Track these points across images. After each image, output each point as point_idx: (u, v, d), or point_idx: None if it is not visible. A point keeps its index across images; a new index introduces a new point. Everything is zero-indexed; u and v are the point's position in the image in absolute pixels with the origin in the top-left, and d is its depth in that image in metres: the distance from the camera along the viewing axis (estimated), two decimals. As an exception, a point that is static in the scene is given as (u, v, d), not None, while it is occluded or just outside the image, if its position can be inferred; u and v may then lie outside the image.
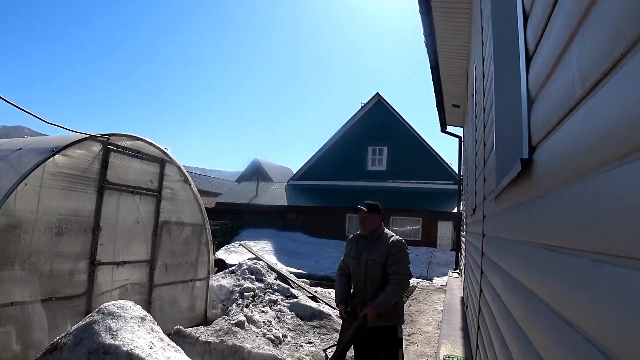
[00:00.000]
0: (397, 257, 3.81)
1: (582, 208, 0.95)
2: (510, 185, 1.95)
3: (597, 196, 0.87)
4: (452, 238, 22.06)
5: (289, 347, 6.16)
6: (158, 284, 5.99)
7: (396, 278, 3.75)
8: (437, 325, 7.79)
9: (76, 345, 3.66)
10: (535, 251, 1.45)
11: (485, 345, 3.09)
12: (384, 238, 3.94)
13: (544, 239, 1.32)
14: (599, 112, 0.88)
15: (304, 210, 25.45)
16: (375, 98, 27.56)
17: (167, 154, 6.10)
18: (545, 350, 1.28)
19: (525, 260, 1.64)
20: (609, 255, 0.80)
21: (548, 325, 1.24)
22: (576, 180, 1.00)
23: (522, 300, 1.66)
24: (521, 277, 1.75)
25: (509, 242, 2.14)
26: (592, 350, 0.85)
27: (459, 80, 9.66)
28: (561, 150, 1.16)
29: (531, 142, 1.55)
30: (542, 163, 1.41)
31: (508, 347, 1.96)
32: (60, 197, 4.59)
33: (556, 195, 1.19)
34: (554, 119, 1.23)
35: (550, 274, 1.23)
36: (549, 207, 1.26)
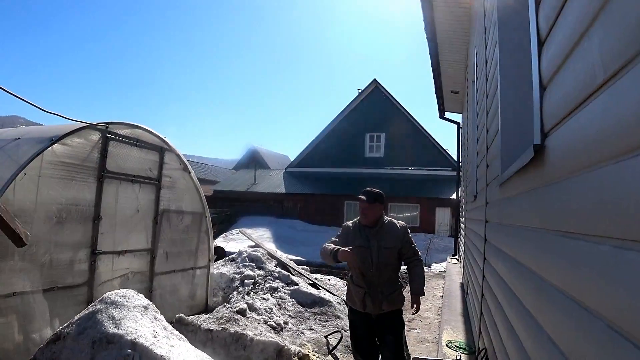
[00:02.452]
0: (411, 241, 3.95)
1: (605, 195, 0.94)
2: (520, 172, 1.94)
3: (621, 183, 0.86)
4: (450, 224, 22.14)
5: (290, 334, 6.18)
6: (159, 272, 5.99)
7: (417, 259, 3.95)
8: (436, 311, 7.83)
9: (79, 335, 3.65)
10: (549, 238, 1.44)
11: (490, 331, 3.10)
12: (390, 225, 3.92)
13: (560, 226, 1.31)
14: (623, 99, 0.87)
15: (302, 197, 25.45)
16: (372, 85, 27.45)
17: (166, 142, 6.06)
18: (559, 335, 1.27)
19: (537, 247, 1.63)
20: (633, 241, 0.79)
21: (563, 311, 1.23)
22: (598, 166, 0.99)
23: (533, 287, 1.66)
24: (531, 262, 1.74)
25: (517, 229, 2.13)
26: (613, 335, 0.85)
27: (458, 66, 9.61)
28: (579, 136, 1.15)
29: (543, 128, 1.53)
30: (555, 149, 1.39)
31: (516, 333, 1.96)
32: (59, 187, 4.56)
33: (575, 181, 1.17)
34: (570, 105, 1.21)
35: (567, 260, 1.22)
36: (567, 193, 1.25)
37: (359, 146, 27.02)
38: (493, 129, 3.45)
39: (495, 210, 3.21)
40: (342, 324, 6.62)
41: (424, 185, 23.74)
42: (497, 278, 2.90)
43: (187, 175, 6.55)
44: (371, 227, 3.86)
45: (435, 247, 18.46)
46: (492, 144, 3.60)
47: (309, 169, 27.96)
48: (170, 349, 3.67)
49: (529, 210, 1.81)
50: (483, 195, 4.24)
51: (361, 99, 27.64)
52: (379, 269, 3.77)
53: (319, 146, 28.10)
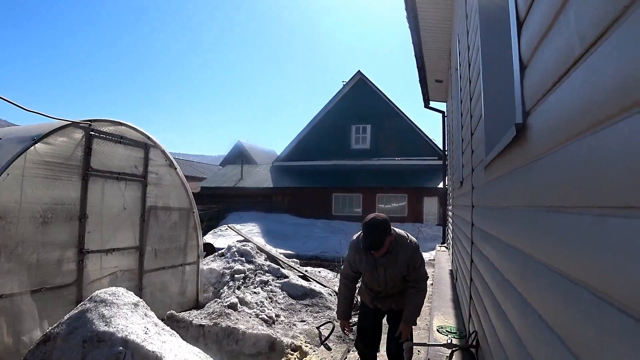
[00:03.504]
0: (416, 264, 3.67)
1: (585, 165, 0.95)
2: (503, 152, 1.95)
3: (600, 152, 0.87)
4: (438, 213, 22.28)
5: (282, 326, 6.20)
6: (148, 269, 5.96)
7: (417, 286, 3.70)
8: (427, 299, 7.88)
9: (69, 335, 3.63)
10: (533, 215, 1.46)
11: (479, 314, 3.13)
12: (399, 246, 3.65)
13: (544, 202, 1.32)
14: (600, 69, 0.88)
15: (289, 191, 25.42)
16: (357, 76, 27.41)
17: (150, 138, 6.01)
18: (546, 309, 1.29)
19: (521, 225, 1.66)
20: (613, 207, 0.81)
21: (549, 285, 1.25)
22: (577, 138, 1.00)
23: (519, 265, 1.68)
24: (516, 242, 1.77)
25: (502, 210, 2.16)
26: (600, 303, 0.86)
27: (441, 55, 9.64)
28: (559, 111, 1.16)
29: (525, 107, 1.54)
30: (537, 127, 1.41)
31: (505, 312, 1.99)
32: (44, 186, 4.51)
33: (555, 156, 1.19)
34: (550, 81, 1.23)
35: (551, 234, 1.23)
36: (548, 168, 1.27)
37: (345, 138, 27.02)
38: (477, 114, 3.48)
39: (481, 195, 3.24)
40: (334, 314, 6.65)
41: (411, 175, 23.83)
42: (484, 261, 2.93)
43: (173, 171, 6.51)
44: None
45: (423, 236, 18.54)
46: (476, 129, 3.63)
47: (296, 162, 27.90)
48: (162, 345, 3.66)
49: (513, 190, 1.83)
50: (469, 181, 4.27)
51: (346, 91, 27.59)
52: (386, 287, 3.80)
53: (305, 140, 28.04)
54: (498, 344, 2.15)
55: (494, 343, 2.29)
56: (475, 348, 3.18)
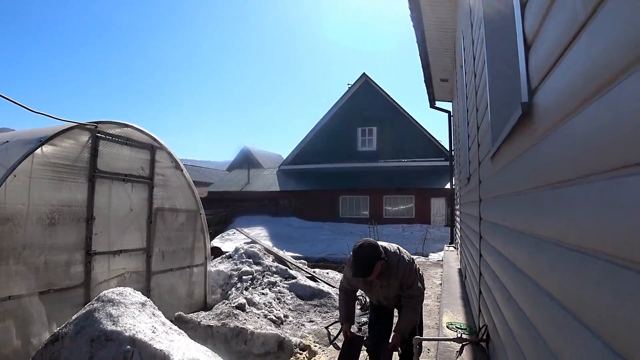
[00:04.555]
0: (409, 282, 3.66)
1: (595, 129, 0.93)
2: (510, 135, 1.93)
3: (609, 112, 0.85)
4: (445, 214, 22.20)
5: (290, 326, 6.17)
6: (155, 271, 5.96)
7: (412, 301, 3.70)
8: (436, 298, 7.85)
9: (77, 334, 3.63)
10: (540, 195, 1.44)
11: (489, 306, 3.10)
12: (391, 268, 3.64)
13: (553, 178, 1.30)
14: (604, 31, 0.86)
15: (296, 194, 25.43)
16: (362, 79, 27.43)
17: (157, 140, 6.01)
18: (557, 286, 1.27)
19: (530, 208, 1.63)
20: (628, 166, 0.78)
21: (560, 261, 1.23)
22: (585, 105, 0.98)
23: (528, 248, 1.66)
24: (525, 226, 1.74)
25: (509, 197, 2.13)
26: (615, 268, 0.84)
27: (446, 53, 9.62)
28: (565, 82, 1.14)
29: (530, 86, 1.53)
30: (543, 103, 1.39)
31: (514, 299, 1.96)
32: (51, 188, 4.52)
33: (563, 128, 1.16)
34: (555, 54, 1.21)
35: (562, 209, 1.21)
36: (556, 143, 1.25)
37: (352, 140, 27.01)
38: (482, 107, 3.46)
39: (489, 187, 3.21)
40: (342, 314, 6.61)
41: (417, 177, 23.77)
42: (494, 253, 2.91)
43: (180, 173, 6.52)
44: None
45: (431, 237, 18.49)
46: (482, 121, 3.61)
47: (303, 165, 27.91)
48: (170, 344, 3.65)
49: (521, 173, 1.81)
50: (476, 176, 4.24)
51: (351, 94, 27.60)
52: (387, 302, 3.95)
53: (311, 143, 28.06)
54: (509, 334, 2.12)
55: (506, 334, 2.26)
56: (486, 342, 3.15)
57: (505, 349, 2.27)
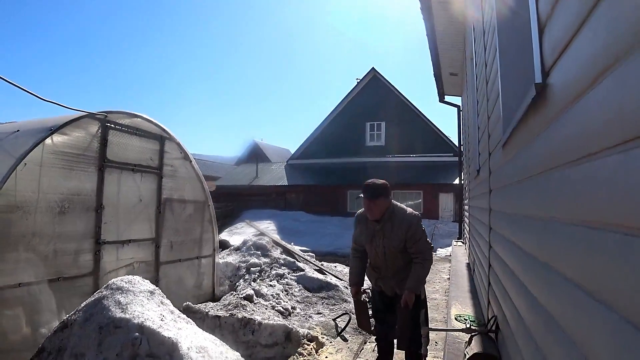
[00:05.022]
0: (416, 236, 3.63)
1: (614, 104, 0.91)
2: (523, 120, 1.91)
3: (626, 86, 0.83)
4: (453, 210, 22.11)
5: (298, 318, 6.18)
6: (164, 262, 5.98)
7: (420, 256, 3.64)
8: (444, 292, 7.83)
9: (86, 321, 3.64)
10: (551, 177, 1.42)
11: (499, 297, 3.09)
12: (397, 217, 3.68)
13: (565, 157, 1.28)
14: (620, 3, 0.84)
15: (304, 189, 25.43)
16: (370, 74, 27.32)
17: (166, 130, 6.02)
18: (568, 265, 1.25)
19: (541, 191, 1.62)
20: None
21: (571, 239, 1.22)
22: (600, 80, 0.96)
23: (539, 233, 1.64)
24: (536, 211, 1.73)
25: (521, 184, 2.11)
26: (627, 240, 0.83)
27: (456, 47, 9.56)
28: (579, 60, 1.13)
29: (544, 66, 1.51)
30: (557, 83, 1.37)
31: (525, 286, 1.95)
32: (60, 177, 4.55)
33: (578, 106, 1.15)
34: (570, 32, 1.20)
35: (573, 187, 1.19)
36: (571, 122, 1.23)
37: (360, 135, 26.93)
38: (493, 96, 3.43)
39: (499, 176, 3.19)
40: (350, 307, 6.62)
41: (426, 172, 23.68)
42: (503, 242, 2.89)
43: (188, 164, 6.53)
44: (377, 222, 3.72)
45: (439, 233, 18.44)
46: (492, 111, 3.58)
47: (311, 160, 27.89)
48: (178, 332, 3.66)
49: (536, 156, 1.78)
50: (486, 167, 4.22)
51: (360, 88, 27.52)
52: (387, 261, 3.77)
53: (319, 137, 28.02)
54: (520, 322, 2.10)
55: (517, 323, 2.24)
56: (495, 332, 3.13)
57: (515, 338, 2.25)
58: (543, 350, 1.57)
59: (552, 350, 1.44)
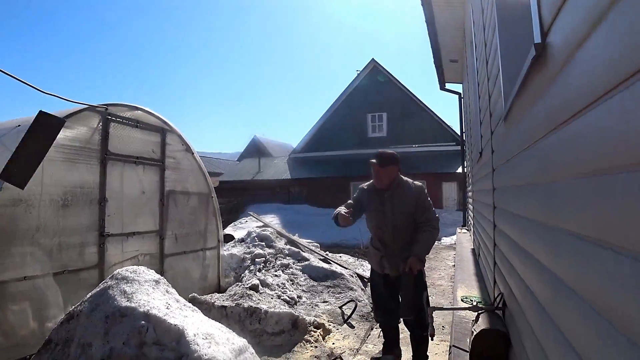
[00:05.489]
0: (426, 204, 3.72)
1: (612, 47, 0.90)
2: (523, 84, 1.89)
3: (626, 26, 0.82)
4: (457, 198, 22.08)
5: (304, 307, 6.18)
6: (168, 254, 5.98)
7: (429, 224, 3.68)
8: (449, 279, 7.83)
9: (92, 312, 3.65)
10: (554, 138, 1.41)
11: (505, 274, 3.08)
12: (405, 186, 3.78)
13: (566, 113, 1.27)
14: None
15: (307, 182, 25.41)
16: (371, 64, 27.20)
17: (167, 123, 6.01)
18: (579, 224, 1.24)
19: (545, 154, 1.60)
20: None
21: (578, 195, 1.20)
22: (598, 28, 0.95)
23: (542, 196, 1.63)
24: (538, 176, 1.72)
25: (524, 153, 2.10)
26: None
27: (455, 33, 9.51)
28: (578, 11, 1.11)
29: (542, 26, 1.49)
30: (556, 40, 1.36)
31: (532, 254, 1.94)
32: (63, 170, 4.54)
33: (579, 58, 1.13)
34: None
35: (580, 140, 1.18)
36: (572, 76, 1.21)
37: (362, 127, 26.86)
38: (494, 73, 3.42)
39: (501, 153, 3.17)
40: (356, 295, 6.62)
41: (429, 162, 23.60)
42: (507, 217, 2.89)
43: (191, 156, 6.52)
44: (385, 191, 3.78)
45: (444, 222, 18.26)
46: (494, 89, 3.56)
47: (313, 153, 27.83)
48: (184, 319, 3.67)
49: (536, 120, 1.76)
50: (488, 147, 4.20)
51: (360, 80, 27.39)
52: (395, 233, 3.76)
53: (321, 130, 27.95)
54: (527, 292, 2.09)
55: (523, 295, 2.23)
56: (502, 310, 3.12)
57: (523, 310, 2.25)
58: (553, 315, 1.55)
59: (563, 313, 1.42)
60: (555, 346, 1.50)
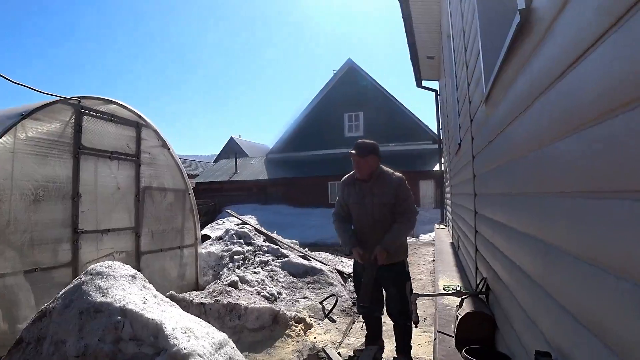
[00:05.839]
0: (405, 194, 3.71)
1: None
2: (507, 55, 1.86)
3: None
4: (434, 196, 22.25)
5: (284, 303, 6.12)
6: (145, 251, 5.84)
7: (404, 216, 3.67)
8: (429, 273, 7.85)
9: (66, 308, 3.53)
10: (546, 98, 1.38)
11: (488, 259, 3.09)
12: (386, 177, 3.76)
13: (552, 74, 1.25)
14: None
15: (285, 182, 25.29)
16: (347, 64, 27.25)
17: (142, 117, 5.87)
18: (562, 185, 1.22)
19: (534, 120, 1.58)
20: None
21: (565, 152, 1.18)
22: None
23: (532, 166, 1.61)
24: (524, 147, 1.70)
25: (507, 128, 2.09)
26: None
27: (431, 28, 9.56)
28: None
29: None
30: (541, 4, 1.33)
31: (518, 230, 1.92)
32: (34, 163, 4.38)
33: (565, 14, 1.10)
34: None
35: (569, 98, 1.15)
36: (561, 30, 1.18)
37: (338, 126, 26.86)
38: (473, 59, 3.43)
39: (482, 137, 3.16)
40: (336, 290, 6.59)
41: (405, 160, 23.68)
42: (490, 201, 2.89)
43: (167, 151, 6.39)
44: (366, 182, 3.75)
45: (421, 219, 18.33)
46: (473, 76, 3.56)
47: (290, 153, 27.75)
48: (162, 314, 3.57)
49: (522, 91, 1.74)
50: (468, 136, 4.20)
51: (337, 80, 27.40)
52: (375, 225, 3.74)
53: (298, 130, 27.88)
54: (513, 268, 2.08)
55: (511, 275, 2.21)
56: (486, 294, 3.11)
57: (509, 287, 2.23)
58: (545, 286, 1.53)
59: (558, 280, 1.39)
60: (548, 317, 1.48)
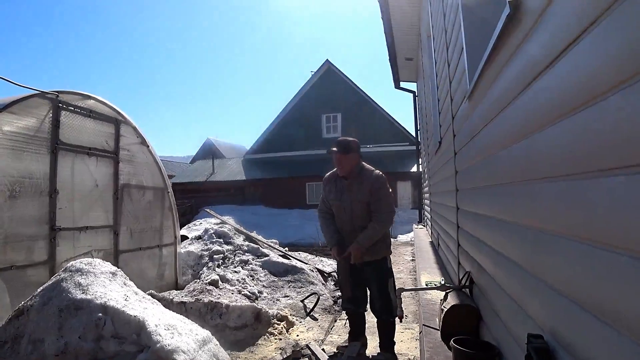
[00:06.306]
0: (380, 193, 3.68)
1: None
2: (495, 47, 1.88)
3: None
4: (412, 197, 22.43)
5: (266, 302, 6.08)
6: (123, 250, 5.74)
7: (378, 216, 3.67)
8: (409, 272, 7.90)
9: (44, 306, 3.45)
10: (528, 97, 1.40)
11: (471, 252, 3.11)
12: (366, 174, 3.76)
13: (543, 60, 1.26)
14: None
15: (262, 182, 25.20)
16: (325, 65, 27.32)
17: (121, 114, 5.78)
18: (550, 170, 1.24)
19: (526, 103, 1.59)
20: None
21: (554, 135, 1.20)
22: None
23: (523, 154, 1.63)
24: (509, 139, 1.72)
25: (490, 124, 2.11)
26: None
27: (410, 30, 9.64)
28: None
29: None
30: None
31: (504, 220, 1.95)
32: (9, 158, 4.26)
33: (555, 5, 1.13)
34: None
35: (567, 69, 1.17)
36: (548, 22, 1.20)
37: (316, 128, 26.88)
38: (455, 57, 3.46)
39: (465, 132, 3.20)
40: (317, 289, 6.58)
41: (383, 161, 23.69)
42: (472, 196, 2.93)
43: (146, 149, 6.30)
44: (346, 179, 3.77)
45: (399, 220, 18.57)
46: (455, 73, 3.60)
47: (268, 154, 27.64)
48: (144, 311, 3.53)
49: (510, 83, 1.76)
50: (450, 132, 4.24)
51: (315, 81, 27.42)
52: (353, 221, 3.75)
53: (276, 131, 27.82)
54: (499, 259, 2.10)
55: (496, 266, 2.24)
56: (470, 287, 3.14)
57: (494, 278, 2.26)
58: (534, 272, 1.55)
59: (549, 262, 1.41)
60: (539, 301, 1.50)
